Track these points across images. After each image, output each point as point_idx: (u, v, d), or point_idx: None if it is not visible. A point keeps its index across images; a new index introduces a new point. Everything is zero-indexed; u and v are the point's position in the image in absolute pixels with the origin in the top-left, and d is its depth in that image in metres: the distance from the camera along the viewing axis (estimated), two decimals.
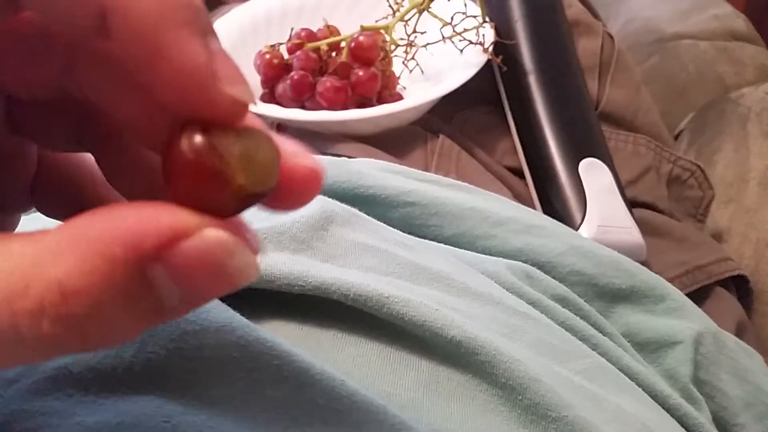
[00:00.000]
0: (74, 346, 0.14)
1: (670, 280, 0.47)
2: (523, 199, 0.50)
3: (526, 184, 0.51)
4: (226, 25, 0.59)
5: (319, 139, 0.50)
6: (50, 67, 0.17)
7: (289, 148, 0.16)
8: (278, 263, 0.27)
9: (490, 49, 0.52)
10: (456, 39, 0.53)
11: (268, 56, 0.53)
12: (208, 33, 0.15)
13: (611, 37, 0.60)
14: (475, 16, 0.53)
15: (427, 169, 0.49)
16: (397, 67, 0.56)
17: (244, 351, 0.22)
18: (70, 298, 0.13)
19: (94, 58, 0.17)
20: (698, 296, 0.47)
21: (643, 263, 0.46)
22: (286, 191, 0.16)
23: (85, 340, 0.13)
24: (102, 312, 0.13)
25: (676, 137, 0.71)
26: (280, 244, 0.29)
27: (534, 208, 0.49)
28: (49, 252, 0.13)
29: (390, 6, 0.54)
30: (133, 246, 0.13)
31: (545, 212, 0.48)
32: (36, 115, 0.19)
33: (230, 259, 0.14)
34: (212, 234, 0.14)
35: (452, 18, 0.52)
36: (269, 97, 0.55)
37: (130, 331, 0.14)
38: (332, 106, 0.51)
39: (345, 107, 0.52)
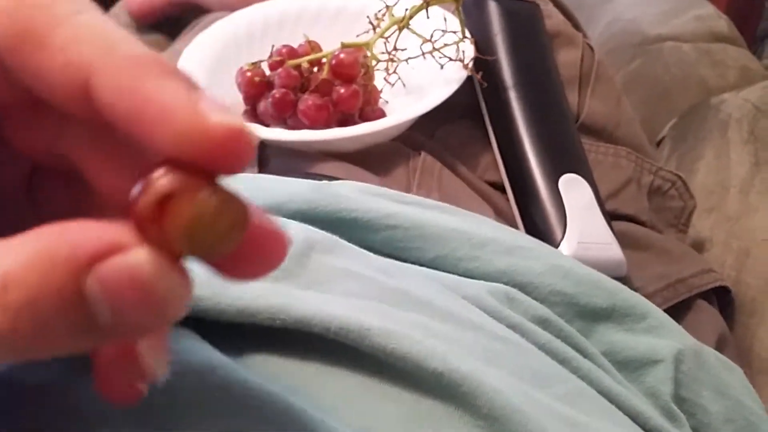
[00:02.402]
0: (6, 341, 0.14)
1: (652, 295, 0.48)
2: (505, 216, 0.50)
3: (509, 200, 0.51)
4: (207, 41, 0.59)
5: (300, 157, 0.50)
6: (44, 130, 0.18)
7: (255, 212, 0.16)
8: (259, 296, 0.27)
9: (470, 65, 0.52)
10: (437, 55, 0.53)
11: (249, 74, 0.53)
12: (189, 83, 0.15)
13: (591, 48, 0.60)
14: (454, 32, 0.53)
15: (409, 187, 0.49)
16: (378, 81, 0.56)
17: (224, 393, 0.23)
18: (8, 287, 0.14)
19: (79, 127, 0.18)
20: (679, 309, 0.48)
21: (624, 278, 0.47)
22: (245, 257, 0.16)
23: (17, 335, 0.14)
24: (35, 308, 0.14)
25: (659, 143, 0.72)
26: None
27: (516, 224, 0.50)
28: (10, 248, 0.14)
29: (370, 23, 0.54)
30: (70, 252, 0.14)
31: (527, 228, 0.49)
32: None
33: (159, 282, 0.14)
34: (144, 253, 0.14)
35: (431, 35, 0.52)
36: (251, 114, 0.55)
37: (64, 341, 0.14)
38: (314, 124, 0.51)
39: (327, 124, 0.52)
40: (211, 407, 0.22)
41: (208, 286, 0.26)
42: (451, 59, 0.52)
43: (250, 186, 0.39)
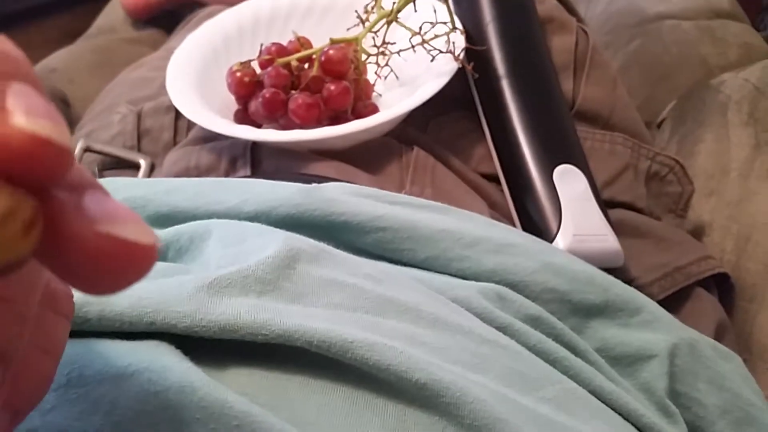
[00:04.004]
0: None
1: (650, 284, 0.48)
2: (500, 209, 0.50)
3: (504, 192, 0.51)
4: (197, 42, 0.58)
5: (292, 157, 0.50)
6: None
7: (99, 212, 0.14)
8: (242, 312, 0.27)
9: (461, 56, 0.52)
10: (427, 47, 0.52)
11: (238, 74, 0.53)
12: (10, 75, 0.13)
13: (585, 32, 0.59)
14: (444, 23, 0.52)
15: (402, 184, 0.49)
16: (371, 74, 0.55)
17: (204, 413, 0.23)
18: None
19: None
20: (677, 298, 0.48)
21: (621, 267, 0.46)
22: (78, 268, 0.14)
23: None
24: None
25: (660, 125, 0.71)
26: (246, 287, 0.29)
27: (511, 216, 0.49)
28: None
29: (359, 17, 0.54)
30: None
31: (522, 221, 0.48)
32: None
33: None
34: None
35: (420, 27, 0.52)
36: (243, 114, 0.54)
37: None
38: (305, 123, 0.51)
39: (318, 122, 0.52)
40: (193, 427, 0.22)
41: (189, 301, 0.26)
42: (441, 51, 0.52)
43: (240, 190, 0.39)
